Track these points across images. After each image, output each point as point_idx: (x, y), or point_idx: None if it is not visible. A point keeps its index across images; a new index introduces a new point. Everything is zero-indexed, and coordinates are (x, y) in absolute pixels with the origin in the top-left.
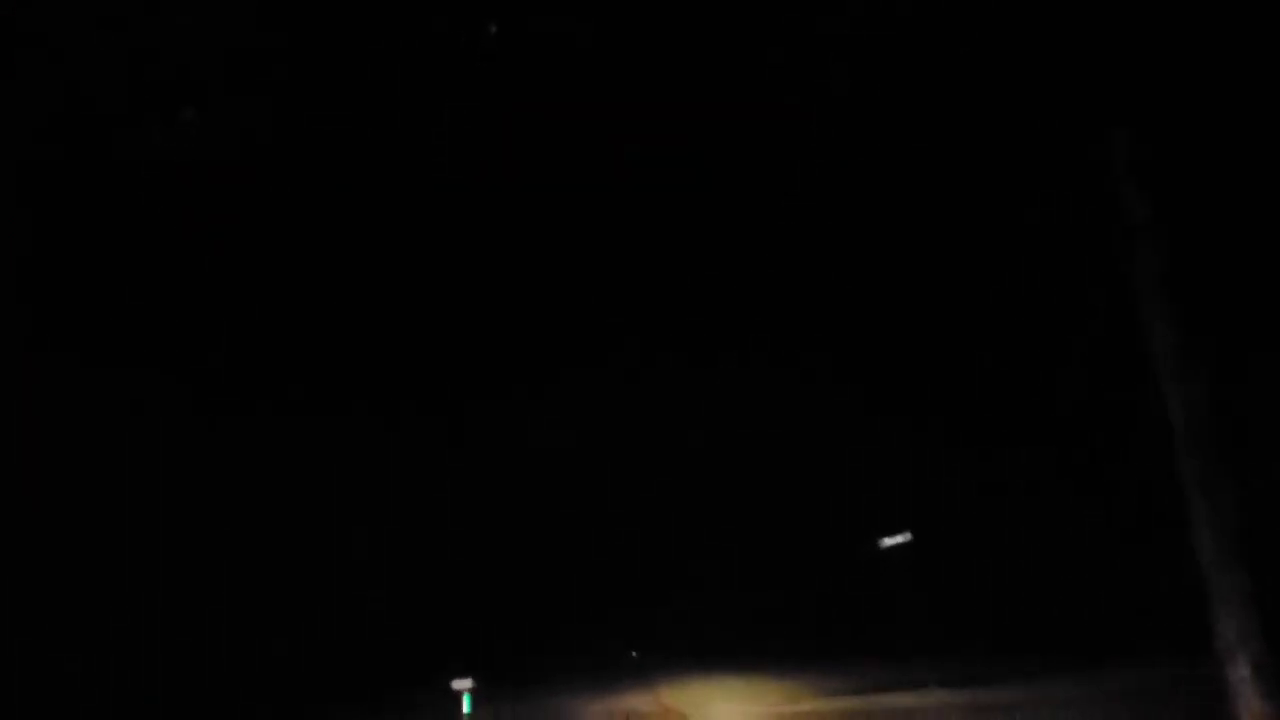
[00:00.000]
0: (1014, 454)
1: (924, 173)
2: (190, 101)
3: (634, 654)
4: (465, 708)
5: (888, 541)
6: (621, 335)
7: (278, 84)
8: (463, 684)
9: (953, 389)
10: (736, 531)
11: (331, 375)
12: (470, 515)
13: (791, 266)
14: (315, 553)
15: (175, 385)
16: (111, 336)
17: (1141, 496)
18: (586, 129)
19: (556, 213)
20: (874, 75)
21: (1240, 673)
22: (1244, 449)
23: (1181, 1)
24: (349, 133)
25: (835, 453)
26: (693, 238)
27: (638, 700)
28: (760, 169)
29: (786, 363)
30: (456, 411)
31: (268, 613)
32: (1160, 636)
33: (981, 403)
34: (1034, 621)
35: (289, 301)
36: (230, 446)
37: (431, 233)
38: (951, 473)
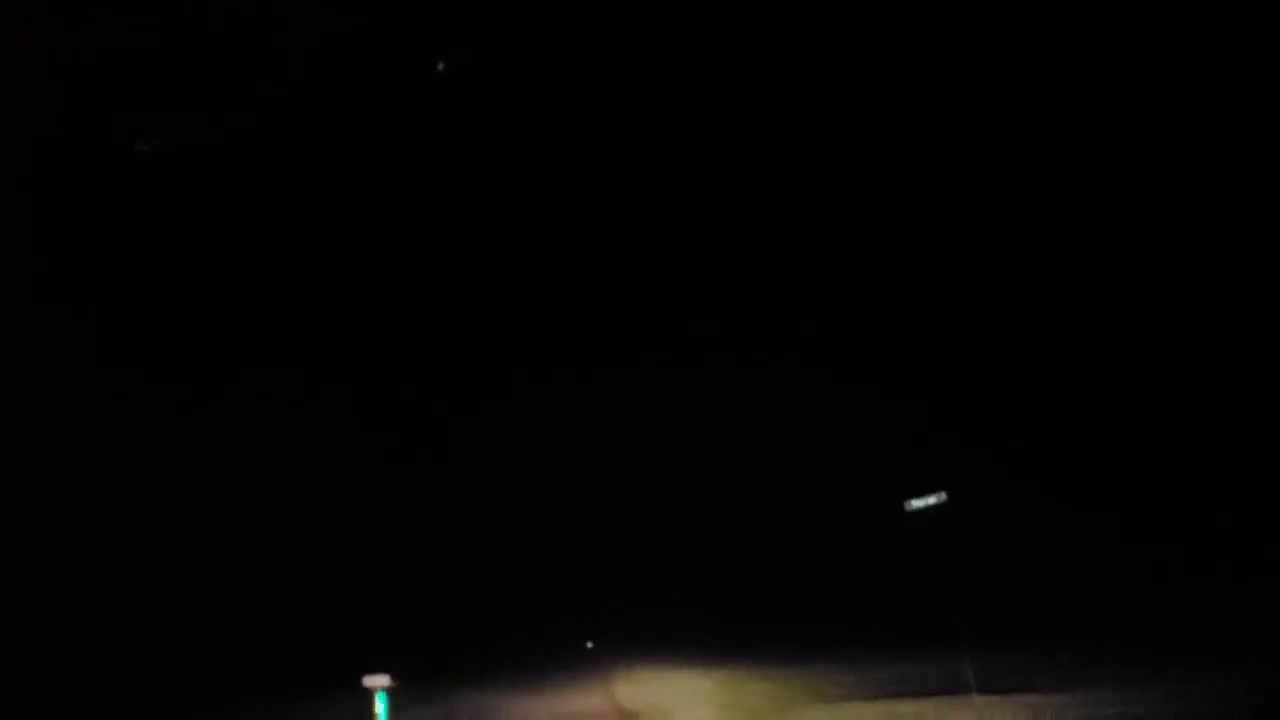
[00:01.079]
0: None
1: None
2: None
3: (589, 644)
4: (380, 710)
5: (915, 504)
6: (558, 324)
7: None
8: (377, 680)
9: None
10: (716, 501)
11: (269, 371)
12: (403, 493)
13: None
14: (230, 543)
15: (137, 379)
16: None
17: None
18: (579, 131)
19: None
20: None
21: None
22: None
23: None
24: (342, 141)
25: (853, 411)
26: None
27: (590, 700)
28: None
29: (756, 344)
30: (391, 401)
31: (181, 608)
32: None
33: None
34: (1107, 612)
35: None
36: (161, 446)
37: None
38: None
